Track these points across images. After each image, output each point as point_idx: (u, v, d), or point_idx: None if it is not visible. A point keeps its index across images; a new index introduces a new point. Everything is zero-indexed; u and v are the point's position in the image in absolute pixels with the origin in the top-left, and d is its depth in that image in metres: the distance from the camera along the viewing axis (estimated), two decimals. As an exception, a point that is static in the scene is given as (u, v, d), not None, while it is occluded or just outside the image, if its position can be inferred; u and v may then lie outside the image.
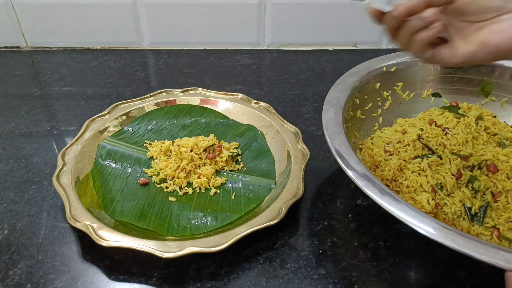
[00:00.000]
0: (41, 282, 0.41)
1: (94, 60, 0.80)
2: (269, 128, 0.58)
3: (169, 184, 0.51)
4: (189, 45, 0.85)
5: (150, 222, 0.46)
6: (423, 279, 0.42)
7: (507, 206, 0.41)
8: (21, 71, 0.76)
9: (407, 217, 0.35)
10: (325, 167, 0.55)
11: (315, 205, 0.49)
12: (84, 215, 0.43)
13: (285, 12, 0.80)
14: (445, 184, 0.43)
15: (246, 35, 0.83)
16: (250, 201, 0.49)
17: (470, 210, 0.42)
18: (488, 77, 0.57)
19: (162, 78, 0.75)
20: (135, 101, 0.62)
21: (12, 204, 0.49)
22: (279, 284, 0.41)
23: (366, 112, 0.55)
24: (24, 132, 0.61)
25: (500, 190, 0.42)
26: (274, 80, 0.74)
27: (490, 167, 0.43)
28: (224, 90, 0.65)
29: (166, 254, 0.39)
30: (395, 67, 0.57)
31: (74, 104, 0.67)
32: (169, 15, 0.80)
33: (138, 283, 0.41)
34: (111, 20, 0.80)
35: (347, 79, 0.53)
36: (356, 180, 0.38)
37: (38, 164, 0.55)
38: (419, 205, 0.43)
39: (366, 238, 0.45)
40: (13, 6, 0.79)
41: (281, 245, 0.45)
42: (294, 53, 0.83)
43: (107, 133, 0.57)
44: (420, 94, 0.58)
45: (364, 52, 0.84)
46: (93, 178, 0.51)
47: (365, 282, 0.41)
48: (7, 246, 0.44)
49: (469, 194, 0.42)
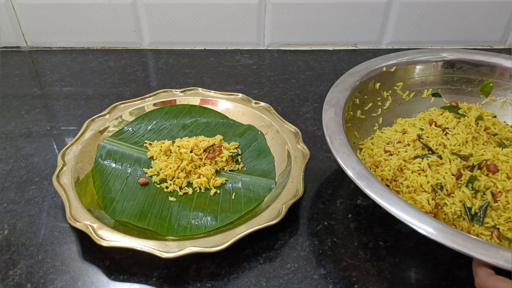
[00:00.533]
0: (41, 282, 0.41)
1: (94, 60, 0.80)
2: (269, 128, 0.58)
3: (169, 184, 0.51)
4: (189, 45, 0.85)
5: (150, 222, 0.46)
6: (423, 279, 0.42)
7: (507, 206, 0.41)
8: (21, 71, 0.76)
9: (407, 217, 0.35)
10: (325, 167, 0.55)
11: (315, 205, 0.49)
12: (84, 215, 0.43)
13: (285, 12, 0.80)
14: (445, 184, 0.43)
15: (246, 35, 0.83)
16: (250, 201, 0.49)
17: (470, 210, 0.42)
18: (488, 77, 0.57)
19: (162, 78, 0.75)
20: (135, 101, 0.62)
21: (12, 204, 0.49)
22: (279, 284, 0.41)
23: (366, 112, 0.55)
24: (24, 132, 0.61)
25: (500, 190, 0.42)
26: (274, 80, 0.74)
27: (490, 167, 0.43)
28: (224, 90, 0.65)
29: (166, 254, 0.39)
30: (395, 67, 0.57)
31: (74, 104, 0.68)
32: (169, 15, 0.80)
33: (138, 283, 0.41)
34: (111, 20, 0.80)
35: (347, 79, 0.53)
36: (356, 180, 0.38)
37: (38, 164, 0.55)
38: (419, 205, 0.43)
39: (366, 238, 0.45)
40: (13, 6, 0.79)
41: (281, 245, 0.45)
42: (294, 53, 0.83)
43: (107, 133, 0.57)
44: (420, 94, 0.58)
45: (364, 52, 0.84)
46: (93, 178, 0.51)
47: (365, 282, 0.41)
48: (7, 246, 0.44)
49: (469, 194, 0.42)
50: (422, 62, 0.58)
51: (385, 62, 0.57)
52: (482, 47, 0.85)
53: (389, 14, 0.80)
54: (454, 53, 0.58)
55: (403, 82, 0.58)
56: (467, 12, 0.80)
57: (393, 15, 0.80)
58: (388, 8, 0.80)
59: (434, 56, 0.58)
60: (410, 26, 0.82)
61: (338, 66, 0.79)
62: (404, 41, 0.84)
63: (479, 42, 0.85)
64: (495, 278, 0.32)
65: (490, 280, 0.32)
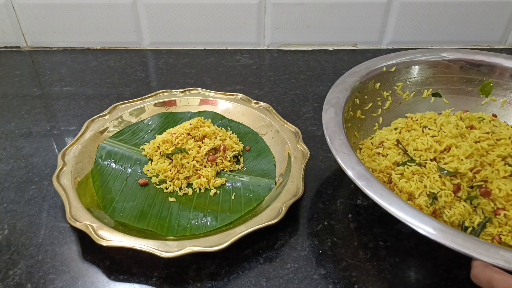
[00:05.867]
0: (41, 282, 0.41)
1: (94, 60, 0.80)
2: (269, 128, 0.58)
3: (169, 185, 0.51)
4: (189, 45, 0.85)
5: (150, 222, 0.46)
6: (423, 279, 0.42)
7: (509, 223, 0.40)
8: (21, 71, 0.76)
9: (407, 217, 0.35)
10: (325, 167, 0.55)
11: (315, 205, 0.49)
12: (84, 215, 0.43)
13: (285, 12, 0.80)
14: (440, 196, 0.42)
15: (246, 35, 0.83)
16: (250, 201, 0.49)
17: (467, 229, 0.41)
18: (488, 77, 0.57)
19: (162, 78, 0.75)
20: (135, 101, 0.62)
21: (12, 204, 0.49)
22: (279, 284, 0.41)
23: (366, 112, 0.55)
24: (24, 132, 0.61)
25: (498, 207, 0.41)
26: (274, 80, 0.74)
27: (482, 191, 0.41)
28: (224, 90, 0.65)
29: (166, 254, 0.39)
30: (395, 67, 0.57)
31: (74, 104, 0.68)
32: (169, 15, 0.80)
33: (138, 283, 0.41)
34: (111, 20, 0.80)
35: (347, 79, 0.53)
36: (356, 180, 0.38)
37: (38, 164, 0.55)
38: (418, 207, 0.42)
39: (366, 238, 0.45)
40: (13, 6, 0.79)
41: (281, 245, 0.45)
42: (294, 53, 0.83)
43: (107, 133, 0.57)
44: (420, 94, 0.58)
45: (364, 52, 0.84)
46: (93, 179, 0.51)
47: (365, 282, 0.41)
48: (7, 246, 0.44)
49: (470, 209, 0.41)
50: (422, 62, 0.58)
51: (385, 62, 0.57)
52: (482, 47, 0.85)
53: (389, 14, 0.80)
54: (454, 53, 0.58)
55: (403, 82, 0.58)
56: (467, 12, 0.80)
57: (393, 15, 0.80)
58: (388, 8, 0.80)
59: (434, 56, 0.58)
60: (410, 26, 0.82)
61: (338, 66, 0.79)
62: (404, 41, 0.84)
63: (479, 42, 0.85)
64: (490, 269, 0.31)
65: (486, 271, 0.32)
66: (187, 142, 0.53)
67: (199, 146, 0.53)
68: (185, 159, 0.52)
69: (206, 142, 0.54)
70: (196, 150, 0.52)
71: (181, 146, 0.52)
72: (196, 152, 0.52)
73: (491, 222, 0.41)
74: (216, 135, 0.55)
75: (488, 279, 0.31)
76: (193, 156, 0.52)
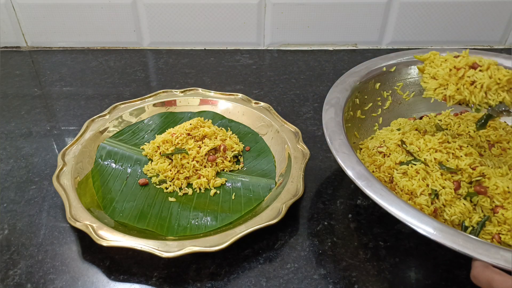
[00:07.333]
0: (41, 282, 0.41)
1: (94, 60, 0.80)
2: (269, 128, 0.58)
3: (169, 185, 0.51)
4: (189, 45, 0.85)
5: (150, 222, 0.46)
6: (423, 279, 0.42)
7: (507, 222, 0.40)
8: (21, 71, 0.76)
9: (407, 217, 0.35)
10: (325, 167, 0.55)
11: (315, 205, 0.49)
12: (84, 215, 0.43)
13: (285, 12, 0.80)
14: (441, 193, 0.42)
15: (246, 35, 0.83)
16: (250, 201, 0.49)
17: (467, 229, 0.41)
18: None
19: (162, 78, 0.75)
20: (135, 101, 0.62)
21: (12, 204, 0.49)
22: (279, 284, 0.41)
23: (366, 112, 0.55)
24: (24, 132, 0.61)
25: (497, 204, 0.41)
26: (274, 80, 0.74)
27: (477, 188, 0.42)
28: (224, 90, 0.65)
29: (166, 254, 0.39)
30: (395, 67, 0.57)
31: (74, 104, 0.68)
32: (169, 15, 0.80)
33: (138, 283, 0.41)
34: (111, 20, 0.81)
35: (347, 79, 0.53)
36: (356, 180, 0.38)
37: (38, 164, 0.55)
38: (418, 206, 0.43)
39: (366, 238, 0.45)
40: (13, 6, 0.79)
41: (281, 245, 0.45)
42: (294, 53, 0.83)
43: (107, 133, 0.57)
44: (420, 94, 0.58)
45: (364, 52, 0.84)
46: (93, 179, 0.51)
47: (365, 282, 0.41)
48: (7, 246, 0.44)
49: (470, 207, 0.41)
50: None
51: (385, 62, 0.57)
52: (482, 47, 0.85)
53: (389, 14, 0.80)
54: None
55: (403, 82, 0.58)
56: (467, 12, 0.80)
57: (393, 15, 0.80)
58: (388, 8, 0.80)
59: (434, 56, 0.58)
60: (410, 26, 0.82)
61: (338, 66, 0.79)
62: (404, 41, 0.84)
63: (479, 42, 0.85)
64: (490, 270, 0.32)
65: (486, 272, 0.32)
66: (187, 142, 0.53)
67: (199, 146, 0.53)
68: (185, 159, 0.52)
69: (206, 142, 0.54)
70: (196, 150, 0.52)
71: (181, 146, 0.52)
72: (196, 152, 0.52)
73: (490, 220, 0.41)
74: (216, 135, 0.55)
75: (488, 280, 0.31)
76: (193, 156, 0.52)
